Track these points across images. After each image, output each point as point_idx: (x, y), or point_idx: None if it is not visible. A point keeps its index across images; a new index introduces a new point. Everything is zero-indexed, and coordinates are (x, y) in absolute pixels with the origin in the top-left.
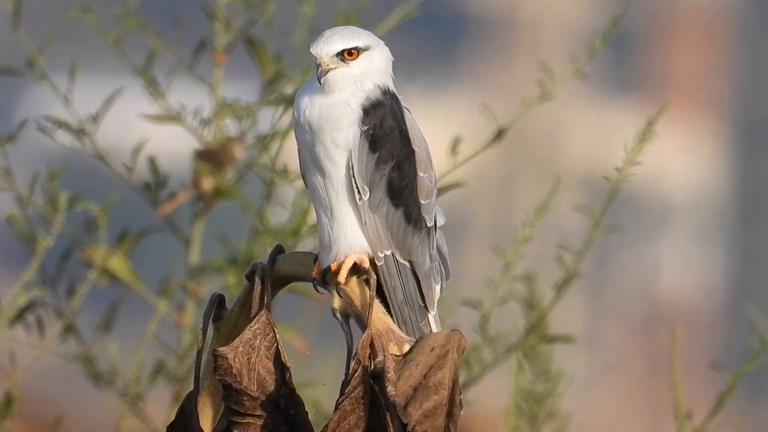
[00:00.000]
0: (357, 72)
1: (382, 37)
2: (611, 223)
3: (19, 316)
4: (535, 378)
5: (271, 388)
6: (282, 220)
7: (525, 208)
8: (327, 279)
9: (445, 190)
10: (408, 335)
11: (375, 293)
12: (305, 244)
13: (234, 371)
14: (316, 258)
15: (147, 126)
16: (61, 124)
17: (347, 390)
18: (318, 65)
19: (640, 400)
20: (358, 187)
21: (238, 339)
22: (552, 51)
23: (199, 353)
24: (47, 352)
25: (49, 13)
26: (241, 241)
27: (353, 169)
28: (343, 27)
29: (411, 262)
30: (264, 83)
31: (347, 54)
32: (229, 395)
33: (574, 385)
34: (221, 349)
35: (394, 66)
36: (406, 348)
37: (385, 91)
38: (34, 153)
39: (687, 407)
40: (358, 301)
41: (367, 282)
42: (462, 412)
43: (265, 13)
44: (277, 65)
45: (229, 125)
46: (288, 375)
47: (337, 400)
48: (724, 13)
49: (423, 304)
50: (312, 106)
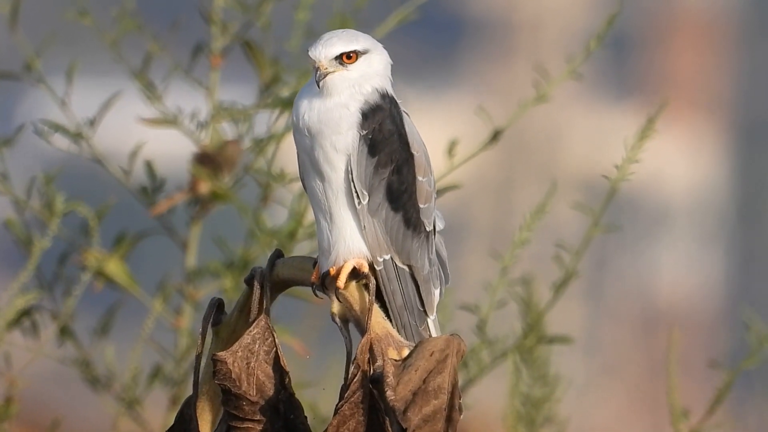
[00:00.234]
0: (356, 75)
1: (380, 40)
2: (610, 223)
3: (17, 319)
4: (533, 382)
5: (271, 392)
6: (279, 223)
7: (523, 211)
8: (326, 283)
9: (442, 192)
10: (407, 340)
11: (374, 298)
12: (302, 247)
13: (233, 376)
14: (315, 262)
15: (144, 129)
16: (58, 128)
17: (346, 395)
18: (317, 69)
19: (639, 403)
20: (357, 192)
21: (237, 343)
22: (550, 53)
23: (198, 357)
24: (44, 356)
25: (45, 16)
26: (238, 245)
27: (352, 173)
28: (342, 30)
29: (410, 267)
30: (261, 86)
31: (346, 57)
32: (229, 400)
33: (572, 387)
34: (220, 353)
35: (392, 68)
36: (406, 353)
37: (384, 95)
38: (31, 156)
39: (685, 408)
40: (357, 306)
41: (366, 286)
42: (461, 416)
43: (262, 16)
44: (274, 68)
45: (226, 129)
46: (287, 379)
47: (337, 405)
48: (723, 15)
49: (422, 309)
50: (311, 110)
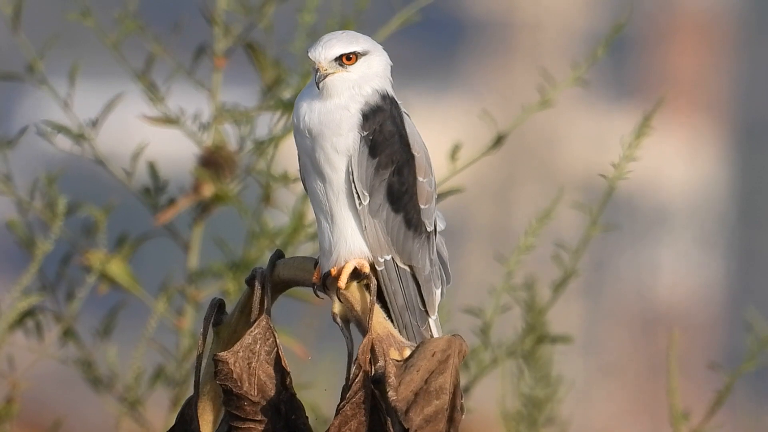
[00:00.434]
0: (355, 77)
1: (381, 42)
2: (609, 222)
3: (19, 320)
4: (535, 383)
5: (272, 392)
6: (280, 224)
7: (523, 213)
8: (327, 284)
9: (444, 196)
10: (409, 340)
11: (375, 298)
12: (304, 249)
13: (234, 376)
14: (316, 263)
15: (146, 131)
16: (60, 129)
17: (348, 395)
18: (316, 70)
19: (639, 403)
20: (357, 192)
21: (238, 344)
22: (550, 54)
23: (199, 358)
24: (47, 357)
25: (47, 17)
26: (240, 246)
27: (353, 174)
28: (342, 32)
29: (411, 267)
30: (263, 88)
31: (346, 59)
32: (230, 400)
33: (571, 388)
34: (222, 354)
35: (392, 70)
36: (407, 353)
37: (385, 96)
38: (33, 157)
39: (686, 410)
40: (358, 306)
41: (367, 287)
42: (463, 416)
43: (264, 18)
44: (276, 70)
45: (228, 130)
46: (288, 380)
47: (338, 405)
48: (723, 15)
49: (423, 309)
50: (311, 112)
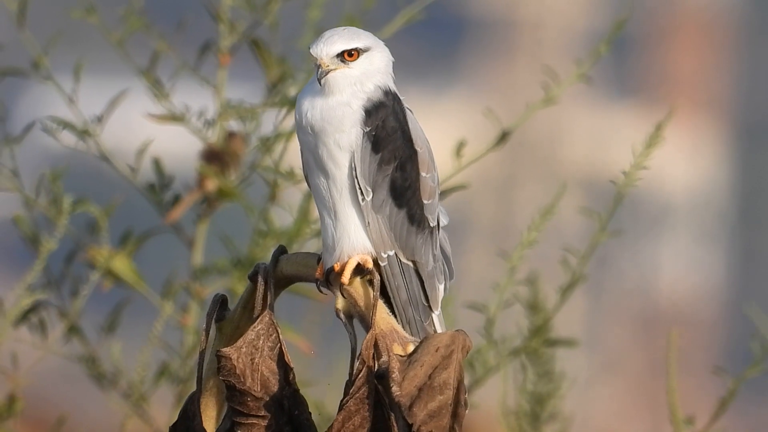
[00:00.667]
0: (357, 73)
1: (385, 39)
2: (614, 226)
3: (24, 317)
4: (538, 379)
5: (275, 388)
6: (286, 221)
7: (525, 209)
8: (330, 279)
9: (448, 192)
10: (412, 335)
11: (378, 293)
12: (309, 246)
13: (237, 372)
14: (319, 259)
15: (151, 127)
16: (65, 125)
17: (352, 390)
18: (318, 66)
19: (640, 400)
20: (360, 188)
21: (241, 339)
22: (552, 52)
23: (202, 354)
24: (51, 353)
25: (52, 14)
26: (245, 243)
27: (356, 170)
28: (343, 28)
29: (414, 262)
30: (268, 85)
31: (347, 55)
32: (233, 396)
33: (573, 384)
34: (225, 349)
35: (394, 68)
36: (411, 348)
37: (387, 92)
38: (37, 154)
39: (687, 408)
40: (361, 302)
41: (370, 282)
42: (467, 412)
43: (270, 14)
44: (281, 67)
45: (234, 127)
46: (291, 375)
47: (342, 401)
48: (724, 14)
49: (427, 304)
50: (313, 108)
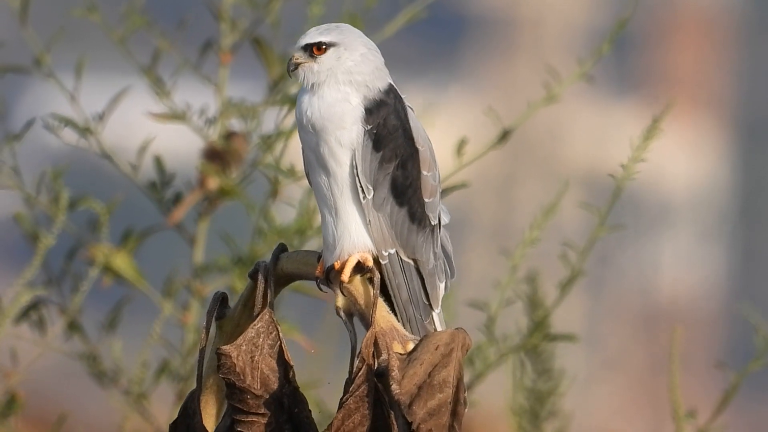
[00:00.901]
0: (322, 68)
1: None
2: (614, 222)
3: (25, 314)
4: (538, 376)
5: (275, 386)
6: (287, 219)
7: (526, 207)
8: (330, 278)
9: (448, 191)
10: (412, 334)
11: (379, 292)
12: (311, 245)
13: (237, 369)
14: (319, 257)
15: (152, 126)
16: (67, 123)
17: (351, 388)
18: (290, 58)
19: (640, 398)
20: (362, 186)
21: (241, 337)
22: (553, 49)
23: (202, 351)
24: (52, 350)
25: (53, 12)
26: (246, 241)
27: (357, 168)
28: (328, 24)
29: (415, 261)
30: (270, 83)
31: (316, 49)
32: (233, 393)
33: (573, 382)
34: (225, 347)
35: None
36: (411, 346)
37: (388, 90)
38: (37, 151)
39: (688, 406)
40: (362, 300)
41: (370, 280)
42: (466, 410)
43: (271, 13)
44: (283, 65)
45: (235, 125)
46: (291, 373)
47: (342, 399)
48: (725, 12)
49: (427, 303)
50: (312, 106)
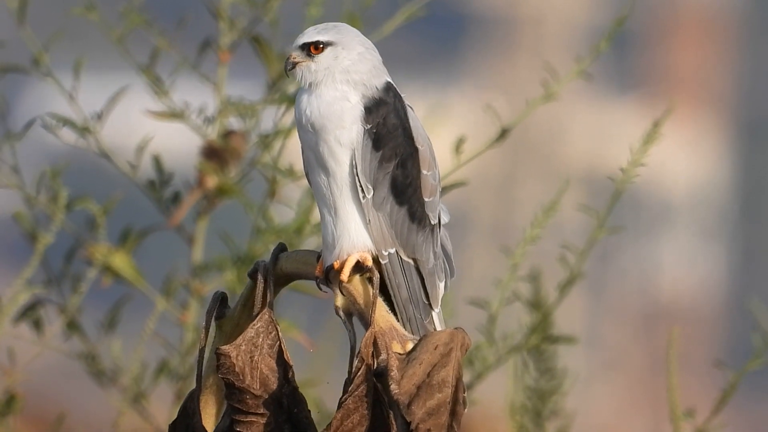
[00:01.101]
0: (320, 67)
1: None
2: (614, 223)
3: (24, 313)
4: (539, 376)
5: (274, 386)
6: (286, 219)
7: (526, 206)
8: (330, 277)
9: (448, 189)
10: (412, 333)
11: (378, 291)
12: (309, 243)
13: (237, 369)
14: (318, 256)
15: (151, 124)
16: (65, 122)
17: (350, 388)
18: (288, 58)
19: (641, 397)
20: (361, 186)
21: (240, 337)
22: (553, 48)
23: (202, 351)
24: (51, 350)
25: (52, 11)
26: (245, 240)
27: (356, 168)
28: (326, 23)
29: (415, 260)
30: (268, 82)
31: (313, 48)
32: (232, 393)
33: (574, 381)
34: (224, 347)
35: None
36: (410, 346)
37: (388, 89)
38: (36, 150)
39: (688, 405)
40: (361, 300)
41: (370, 280)
42: (465, 410)
43: (270, 11)
44: (281, 64)
45: (234, 124)
46: (291, 373)
47: (341, 399)
48: (726, 11)
49: (427, 302)
50: (311, 105)
